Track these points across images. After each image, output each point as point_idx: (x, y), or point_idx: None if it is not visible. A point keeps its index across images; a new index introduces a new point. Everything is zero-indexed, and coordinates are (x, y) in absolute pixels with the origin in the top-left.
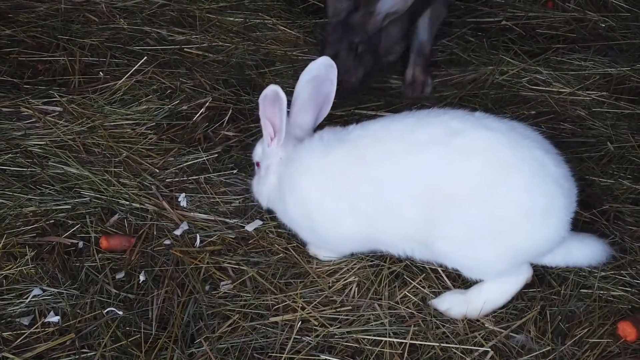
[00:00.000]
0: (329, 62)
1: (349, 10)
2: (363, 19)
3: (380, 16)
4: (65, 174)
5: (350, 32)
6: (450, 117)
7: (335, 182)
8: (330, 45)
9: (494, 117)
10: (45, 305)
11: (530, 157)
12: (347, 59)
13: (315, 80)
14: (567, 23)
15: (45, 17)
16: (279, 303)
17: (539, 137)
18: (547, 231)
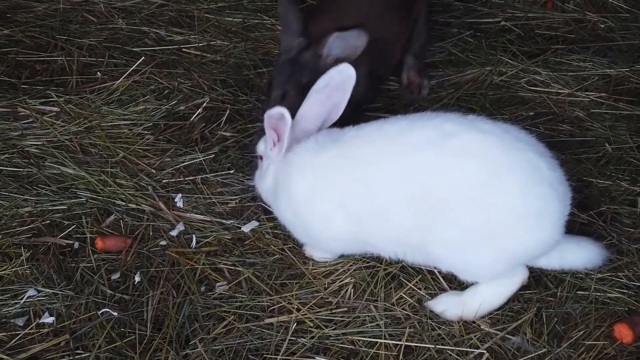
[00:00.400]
0: (348, 71)
1: (300, 48)
2: (313, 59)
3: (330, 59)
4: (61, 174)
5: (299, 71)
6: (443, 120)
7: (326, 181)
8: (278, 84)
9: (487, 120)
10: (40, 306)
11: (524, 160)
12: (296, 99)
13: (329, 88)
14: (567, 24)
15: (43, 17)
16: (275, 304)
17: (533, 140)
18: (541, 234)
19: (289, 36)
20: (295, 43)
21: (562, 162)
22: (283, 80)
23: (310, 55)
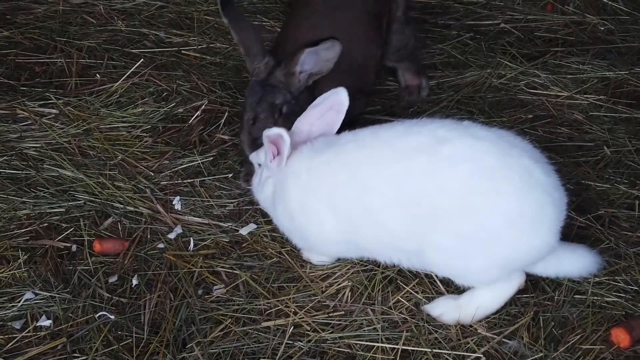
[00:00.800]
0: (342, 95)
1: (270, 68)
2: (285, 78)
3: (303, 75)
4: (60, 176)
5: (270, 93)
6: (437, 126)
7: (320, 185)
8: (249, 108)
9: (482, 126)
10: (38, 309)
11: (519, 166)
12: (268, 122)
13: (322, 107)
14: (566, 26)
15: (43, 19)
16: (272, 308)
17: (528, 146)
18: (536, 240)
19: (253, 59)
20: (262, 64)
21: (560, 165)
22: (254, 103)
23: (282, 74)
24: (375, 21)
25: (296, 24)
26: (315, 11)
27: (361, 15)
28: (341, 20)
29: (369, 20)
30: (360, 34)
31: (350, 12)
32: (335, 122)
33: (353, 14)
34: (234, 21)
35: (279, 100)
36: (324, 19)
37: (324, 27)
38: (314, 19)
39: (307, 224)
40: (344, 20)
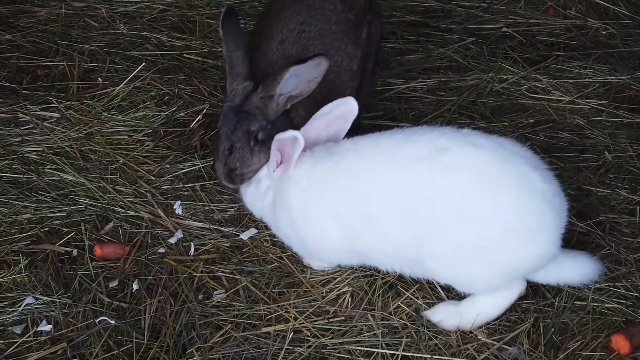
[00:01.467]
0: (351, 103)
1: (246, 93)
2: (262, 104)
3: (282, 98)
4: (61, 180)
5: (245, 120)
6: (437, 134)
7: (321, 194)
8: (224, 137)
9: (481, 134)
10: (38, 314)
11: (518, 174)
12: (244, 150)
13: (330, 116)
14: (568, 30)
15: (45, 22)
16: (272, 313)
17: (527, 153)
18: (536, 248)
19: (233, 79)
20: (240, 87)
21: (561, 170)
22: (229, 132)
23: (258, 99)
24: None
25: (267, 41)
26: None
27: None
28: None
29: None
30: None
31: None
32: (342, 130)
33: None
34: (229, 35)
35: (254, 127)
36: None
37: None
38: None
39: (309, 233)
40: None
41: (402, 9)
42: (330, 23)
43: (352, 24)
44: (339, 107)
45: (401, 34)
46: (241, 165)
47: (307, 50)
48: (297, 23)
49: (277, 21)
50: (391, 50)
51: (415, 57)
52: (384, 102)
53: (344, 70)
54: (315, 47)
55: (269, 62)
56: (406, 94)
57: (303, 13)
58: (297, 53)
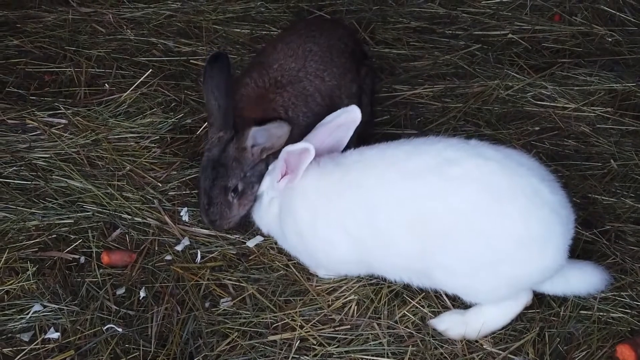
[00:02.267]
0: (355, 111)
1: (223, 144)
2: (238, 154)
3: (257, 149)
4: (68, 187)
5: (223, 176)
6: (445, 146)
7: (329, 205)
8: (204, 192)
9: (489, 145)
10: (46, 321)
11: (526, 186)
12: (222, 205)
13: (333, 125)
14: (574, 37)
15: (52, 28)
16: (278, 321)
17: (535, 165)
18: (544, 259)
19: (210, 127)
20: (215, 138)
21: (567, 178)
22: (207, 187)
23: (234, 149)
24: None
25: (275, 43)
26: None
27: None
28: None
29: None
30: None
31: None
32: (344, 138)
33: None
34: (208, 82)
35: (231, 183)
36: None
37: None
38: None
39: (317, 245)
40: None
41: (407, 15)
42: (340, 41)
43: (356, 57)
44: (342, 115)
45: (407, 40)
46: (220, 217)
47: (312, 53)
48: (308, 30)
49: (290, 29)
50: (397, 57)
51: (421, 63)
52: (390, 108)
53: (345, 85)
54: (321, 52)
55: (271, 60)
56: (412, 100)
57: (317, 26)
58: (303, 53)
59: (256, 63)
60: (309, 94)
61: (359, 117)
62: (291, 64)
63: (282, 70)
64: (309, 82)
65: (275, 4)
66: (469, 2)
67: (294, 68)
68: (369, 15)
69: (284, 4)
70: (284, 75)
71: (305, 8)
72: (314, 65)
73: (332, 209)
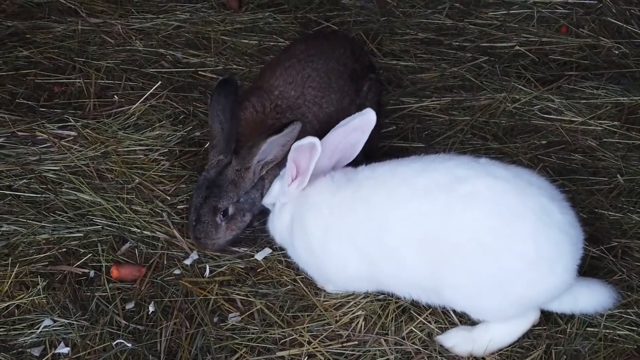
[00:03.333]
0: (370, 114)
1: (221, 167)
2: (237, 176)
3: (258, 165)
4: (78, 200)
5: (215, 196)
6: (455, 164)
7: (341, 222)
8: (193, 208)
9: (499, 164)
10: (56, 336)
11: (536, 205)
12: (209, 225)
13: (348, 127)
14: (581, 49)
15: (62, 38)
16: (286, 337)
17: (544, 184)
18: (553, 279)
19: (211, 150)
20: (215, 160)
21: (573, 193)
22: (198, 204)
23: (233, 172)
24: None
25: (274, 66)
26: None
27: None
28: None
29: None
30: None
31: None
32: (359, 142)
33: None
34: (214, 105)
35: (222, 204)
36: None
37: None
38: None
39: (327, 261)
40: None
41: (415, 26)
42: (338, 64)
43: (357, 75)
44: (357, 118)
45: (414, 52)
46: (205, 237)
47: (310, 79)
48: (306, 54)
49: (289, 52)
50: (404, 69)
51: (429, 75)
52: (397, 121)
53: (343, 109)
54: (320, 78)
55: (269, 86)
56: (419, 113)
57: (315, 49)
58: (301, 80)
59: (255, 87)
60: (307, 120)
61: (374, 119)
62: (290, 91)
63: (281, 98)
64: (308, 108)
65: (283, 15)
66: (476, 13)
67: (293, 96)
68: (376, 26)
69: (292, 15)
70: (283, 101)
71: (313, 19)
72: (312, 92)
73: (343, 224)
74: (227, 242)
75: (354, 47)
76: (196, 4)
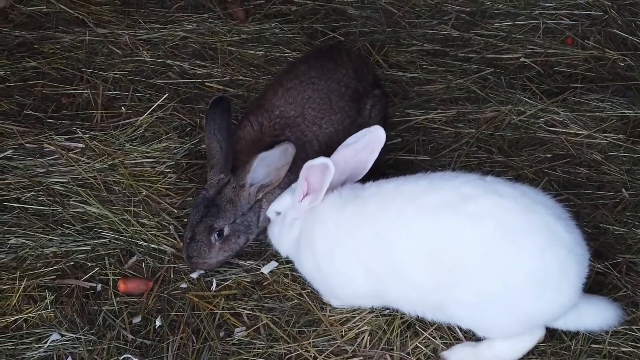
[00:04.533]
0: (379, 131)
1: (220, 186)
2: (234, 195)
3: (254, 188)
4: (85, 213)
5: (212, 215)
6: (462, 182)
7: (347, 237)
8: (189, 225)
9: (505, 182)
10: (64, 350)
11: (541, 224)
12: (203, 243)
13: (357, 146)
14: (586, 61)
15: (69, 49)
16: (292, 352)
17: (551, 202)
18: (558, 297)
19: (210, 169)
20: (215, 180)
21: (578, 207)
22: (194, 222)
23: (230, 190)
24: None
25: (275, 87)
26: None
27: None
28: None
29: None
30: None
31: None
32: (369, 160)
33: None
34: (210, 124)
35: (218, 224)
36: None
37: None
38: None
39: (334, 276)
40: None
41: (421, 37)
42: (340, 85)
43: (359, 94)
44: (366, 136)
45: (420, 63)
46: (198, 255)
47: (311, 100)
48: (308, 76)
49: (291, 72)
50: (410, 80)
51: (434, 87)
52: (403, 133)
53: (343, 129)
54: (320, 99)
55: (270, 105)
56: (425, 125)
57: (317, 70)
58: (302, 101)
59: (256, 106)
60: (306, 139)
61: (384, 137)
62: (290, 111)
63: (281, 117)
64: (307, 127)
65: (289, 25)
66: (481, 24)
67: (293, 115)
68: (382, 37)
69: (298, 25)
70: (282, 120)
71: (319, 29)
72: (312, 113)
73: (349, 240)
74: (218, 263)
75: (358, 65)
76: (203, 14)
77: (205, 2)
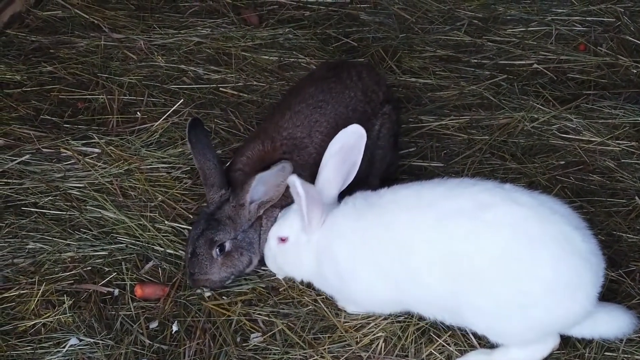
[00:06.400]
0: (360, 131)
1: (221, 202)
2: (234, 212)
3: (254, 206)
4: (102, 218)
5: (212, 229)
6: (480, 190)
7: (367, 247)
8: (190, 240)
9: (523, 191)
10: (82, 355)
11: (558, 233)
12: (204, 258)
13: (343, 149)
14: (599, 68)
15: (85, 54)
16: (308, 358)
17: (567, 212)
18: (573, 306)
19: (209, 189)
20: (217, 196)
21: (591, 215)
22: (194, 236)
23: (230, 208)
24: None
25: (283, 109)
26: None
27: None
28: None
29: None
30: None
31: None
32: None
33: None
34: (197, 147)
35: (219, 237)
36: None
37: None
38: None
39: (356, 285)
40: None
41: (433, 43)
42: (347, 108)
43: (367, 116)
44: (350, 138)
45: (433, 69)
46: (199, 271)
47: (318, 124)
48: (316, 99)
49: (299, 95)
50: (423, 86)
51: (447, 93)
52: (417, 139)
53: None
54: (327, 122)
55: (277, 127)
56: (438, 131)
57: (324, 93)
58: (309, 123)
59: (263, 128)
60: (314, 162)
61: (363, 132)
62: (297, 133)
63: (289, 138)
64: (314, 149)
65: (303, 31)
66: (494, 30)
67: (300, 137)
68: (395, 43)
69: (311, 31)
70: (290, 141)
71: (333, 35)
72: (319, 136)
73: (368, 249)
74: (221, 280)
75: (367, 84)
76: (217, 19)
77: (219, 7)
